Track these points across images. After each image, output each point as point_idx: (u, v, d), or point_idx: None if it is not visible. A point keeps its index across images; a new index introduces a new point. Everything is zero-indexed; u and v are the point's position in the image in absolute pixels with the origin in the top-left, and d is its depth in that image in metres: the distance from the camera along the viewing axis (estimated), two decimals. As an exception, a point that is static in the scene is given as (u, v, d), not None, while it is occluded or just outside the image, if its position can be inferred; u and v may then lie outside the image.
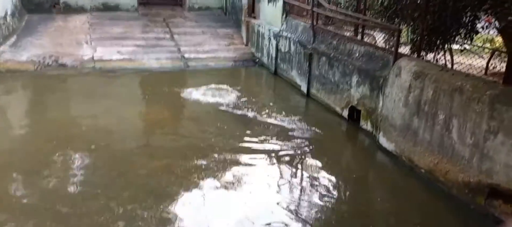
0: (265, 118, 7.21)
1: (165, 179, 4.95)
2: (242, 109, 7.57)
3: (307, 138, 6.42)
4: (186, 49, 11.45)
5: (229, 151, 5.78)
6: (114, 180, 4.87)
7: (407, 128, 5.61)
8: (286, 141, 6.23)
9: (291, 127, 6.82)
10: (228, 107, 7.65)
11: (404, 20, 7.31)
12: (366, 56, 6.99)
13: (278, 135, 6.45)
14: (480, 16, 6.45)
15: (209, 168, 5.29)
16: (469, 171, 4.63)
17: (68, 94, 8.37)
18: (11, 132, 6.27)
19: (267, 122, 7.02)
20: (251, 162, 5.58)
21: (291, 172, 5.36)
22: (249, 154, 5.76)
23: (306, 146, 6.12)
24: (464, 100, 4.67)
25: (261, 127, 6.77)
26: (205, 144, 6.01)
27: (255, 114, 7.37)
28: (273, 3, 10.76)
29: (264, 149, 5.96)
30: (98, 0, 12.62)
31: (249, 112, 7.47)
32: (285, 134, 6.51)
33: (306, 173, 5.37)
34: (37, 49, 10.21)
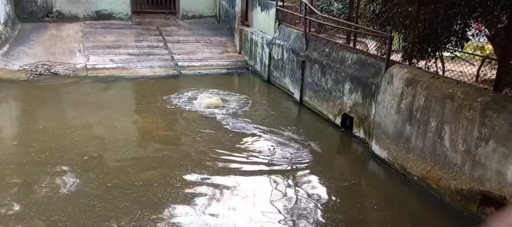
0: (258, 126, 7.20)
1: (161, 190, 4.89)
2: (235, 117, 7.56)
3: (300, 146, 6.40)
4: (179, 57, 11.44)
5: (223, 161, 5.76)
6: (110, 191, 4.81)
7: (400, 135, 5.62)
8: (279, 149, 6.22)
9: (284, 135, 6.81)
10: (221, 115, 7.63)
11: (395, 28, 7.38)
12: (359, 63, 7.02)
13: (270, 143, 6.43)
14: (471, 24, 6.52)
15: (204, 178, 5.26)
16: (461, 178, 4.64)
17: (60, 103, 8.31)
18: (2, 143, 6.20)
19: (260, 130, 7.01)
20: (245, 170, 5.56)
21: (285, 180, 5.33)
22: (242, 163, 5.74)
23: (299, 154, 6.11)
24: (456, 107, 4.70)
25: (253, 135, 6.75)
26: (199, 153, 5.99)
27: (248, 122, 7.36)
28: (266, 11, 10.81)
29: (257, 157, 5.94)
30: (92, 9, 12.60)
31: (242, 119, 7.46)
32: (278, 142, 6.49)
33: (299, 181, 5.35)
34: (30, 58, 10.15)
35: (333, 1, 11.16)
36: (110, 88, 9.27)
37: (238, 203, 4.76)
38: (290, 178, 5.40)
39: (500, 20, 6.23)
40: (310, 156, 6.10)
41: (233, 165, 5.65)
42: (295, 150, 6.23)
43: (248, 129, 7.01)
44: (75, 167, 5.37)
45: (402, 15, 6.94)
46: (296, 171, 5.61)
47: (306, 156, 6.06)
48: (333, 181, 5.43)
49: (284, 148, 6.27)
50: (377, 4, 7.98)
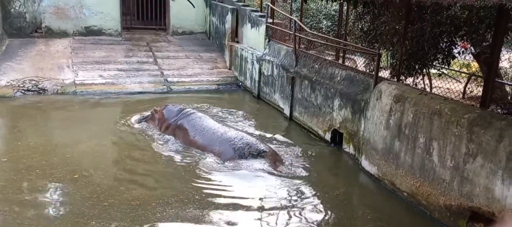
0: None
1: (160, 209, 4.82)
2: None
3: (290, 162, 6.39)
4: (169, 73, 11.43)
5: (216, 176, 5.73)
6: (107, 211, 4.71)
7: (389, 151, 5.66)
8: (268, 166, 6.17)
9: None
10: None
11: (383, 45, 7.50)
12: (348, 79, 7.09)
13: (259, 159, 6.38)
14: (457, 42, 6.67)
15: (201, 195, 5.22)
16: (450, 194, 4.67)
17: (48, 119, 8.17)
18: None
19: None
20: (235, 186, 5.51)
21: (274, 196, 5.29)
22: (232, 177, 5.70)
23: (289, 170, 6.08)
24: (443, 124, 4.75)
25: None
26: (193, 168, 5.93)
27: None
28: (256, 27, 10.90)
29: (247, 172, 5.89)
30: (81, 25, 12.56)
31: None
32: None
33: (289, 197, 5.31)
34: (17, 73, 10.03)
35: (322, 19, 11.34)
36: (99, 104, 9.18)
37: (230, 217, 4.72)
38: (279, 194, 5.36)
39: (485, 39, 6.39)
40: (300, 171, 6.08)
41: (224, 180, 5.60)
42: (285, 165, 6.21)
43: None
44: (67, 185, 5.25)
45: (390, 32, 7.07)
46: (285, 187, 5.58)
47: (296, 172, 6.04)
48: (323, 197, 5.41)
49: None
50: (365, 22, 8.13)
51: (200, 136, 6.69)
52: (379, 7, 7.24)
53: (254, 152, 6.08)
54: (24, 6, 11.85)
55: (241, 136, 6.43)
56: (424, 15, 6.58)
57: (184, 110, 7.50)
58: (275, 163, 6.05)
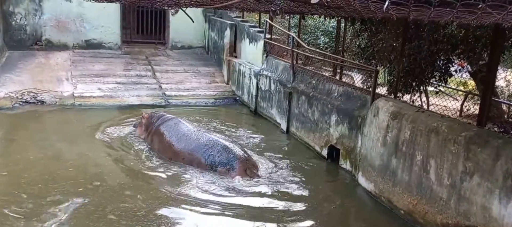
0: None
1: (166, 220, 4.82)
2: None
3: (285, 177, 6.37)
4: (167, 87, 11.46)
5: (214, 189, 5.73)
6: (114, 224, 4.69)
7: (386, 168, 5.66)
8: (264, 181, 6.15)
9: (269, 166, 6.76)
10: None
11: (380, 62, 7.57)
12: (345, 95, 7.13)
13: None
14: (453, 60, 6.74)
15: (202, 205, 5.27)
16: (447, 212, 4.65)
17: (48, 132, 8.09)
18: None
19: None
20: (233, 200, 5.49)
21: (270, 213, 5.27)
22: (225, 191, 5.68)
23: (284, 186, 6.05)
24: (441, 141, 4.77)
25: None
26: (193, 178, 5.93)
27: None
28: (254, 43, 10.99)
29: (240, 187, 5.87)
30: (81, 38, 12.63)
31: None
32: (263, 173, 6.44)
33: (284, 216, 5.28)
34: (16, 85, 10.04)
35: (319, 35, 11.45)
36: (97, 117, 9.16)
37: None
38: (275, 212, 5.32)
39: (481, 57, 6.46)
40: (295, 188, 6.06)
41: (222, 192, 5.58)
42: (280, 182, 6.18)
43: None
44: (71, 199, 5.20)
45: (387, 49, 7.14)
46: (281, 201, 5.55)
47: (291, 189, 6.01)
48: (319, 214, 5.38)
49: (269, 180, 6.21)
50: (362, 38, 8.22)
51: (175, 141, 6.76)
52: (377, 24, 7.32)
53: (225, 160, 6.10)
54: (25, 18, 11.93)
55: (213, 143, 6.39)
56: (421, 33, 6.66)
57: (163, 116, 7.62)
58: (245, 171, 6.05)
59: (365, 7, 3.68)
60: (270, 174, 6.45)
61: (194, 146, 6.48)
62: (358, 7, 3.82)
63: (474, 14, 2.89)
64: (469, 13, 2.90)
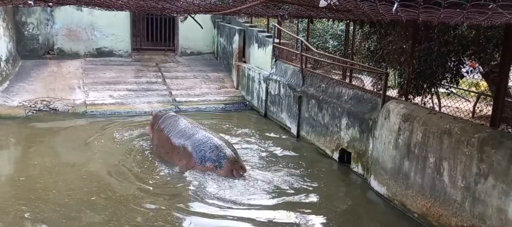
0: (254, 160, 7.17)
1: None
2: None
3: (297, 182, 6.36)
4: (177, 93, 11.54)
5: (225, 194, 5.74)
6: None
7: (398, 171, 5.61)
8: (276, 185, 6.16)
9: (280, 170, 6.76)
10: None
11: (390, 64, 7.52)
12: (355, 98, 7.10)
13: (268, 179, 6.38)
14: (464, 61, 6.67)
15: (215, 209, 5.32)
16: (462, 215, 4.60)
17: (61, 139, 8.18)
18: (10, 178, 6.13)
19: (256, 164, 6.98)
20: (244, 202, 5.50)
21: (280, 218, 5.26)
22: (240, 195, 5.68)
23: (296, 191, 6.05)
24: (453, 143, 4.72)
25: (249, 169, 6.70)
26: (204, 186, 5.94)
27: (244, 156, 7.33)
28: (263, 48, 11.02)
29: (254, 191, 5.88)
30: (92, 46, 12.82)
31: (239, 153, 7.43)
32: (275, 177, 6.44)
33: (296, 220, 5.27)
34: (29, 94, 10.22)
35: (328, 39, 11.43)
36: (109, 124, 9.26)
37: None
38: (286, 215, 5.32)
39: (493, 58, 6.38)
40: (307, 192, 6.04)
41: (231, 197, 5.59)
42: (292, 186, 6.18)
43: (244, 163, 6.97)
44: (85, 207, 5.27)
45: (397, 52, 7.10)
46: (294, 205, 5.54)
47: (303, 193, 6.00)
48: (331, 218, 5.36)
49: (281, 184, 6.21)
50: (372, 41, 8.18)
51: (172, 136, 7.06)
52: (386, 26, 7.29)
53: (214, 157, 6.31)
54: (37, 28, 12.15)
55: (206, 140, 6.59)
56: (431, 35, 6.61)
57: (167, 114, 7.98)
58: (231, 171, 6.21)
59: (374, 10, 3.68)
60: (282, 178, 6.44)
61: (189, 141, 6.73)
62: (367, 10, 3.82)
63: (485, 15, 2.87)
64: (479, 14, 2.88)
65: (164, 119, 7.68)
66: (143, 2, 4.81)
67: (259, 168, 6.84)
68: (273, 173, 6.66)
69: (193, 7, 5.24)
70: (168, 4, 4.90)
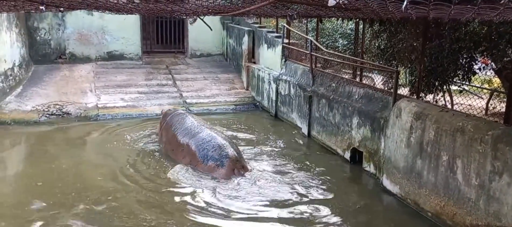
0: (265, 160, 7.18)
1: None
2: (243, 152, 7.56)
3: (309, 181, 6.35)
4: (188, 95, 11.61)
5: (235, 193, 5.77)
6: None
7: (411, 170, 5.56)
8: (288, 185, 6.16)
9: (292, 170, 6.76)
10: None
11: (401, 62, 7.46)
12: (366, 97, 7.05)
13: (279, 178, 6.38)
14: (476, 58, 6.58)
15: (228, 210, 5.37)
16: (477, 213, 4.54)
17: (74, 142, 8.24)
18: (28, 183, 6.24)
19: (267, 164, 6.98)
20: (255, 202, 5.52)
21: (293, 217, 5.25)
22: (250, 199, 5.69)
23: (308, 190, 6.04)
24: (467, 141, 4.66)
25: (261, 169, 6.71)
26: (217, 190, 5.95)
27: (256, 157, 7.35)
28: (272, 48, 11.02)
29: (265, 191, 5.88)
30: (103, 50, 12.96)
31: (250, 154, 7.46)
32: (287, 177, 6.44)
33: (308, 219, 5.26)
34: (42, 98, 10.37)
35: (338, 38, 11.38)
36: (121, 126, 9.35)
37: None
38: (299, 215, 5.31)
39: (505, 54, 6.28)
40: (319, 192, 6.03)
41: (243, 200, 5.61)
42: (304, 186, 6.17)
43: (254, 163, 6.98)
44: (103, 208, 5.36)
45: (408, 50, 7.04)
46: (307, 205, 5.53)
47: (315, 192, 5.99)
48: (344, 218, 5.33)
49: (293, 184, 6.20)
50: (382, 39, 8.12)
51: (178, 134, 7.23)
52: (396, 24, 7.23)
53: (216, 156, 6.40)
54: (49, 33, 12.33)
55: (210, 139, 6.71)
56: (442, 32, 6.54)
57: (175, 111, 8.21)
58: (233, 170, 6.27)
59: (384, 8, 3.66)
60: (293, 178, 6.44)
61: (193, 139, 6.86)
62: (376, 8, 3.79)
63: (496, 10, 2.83)
64: (491, 9, 2.84)
65: (172, 117, 7.87)
66: (153, 5, 4.84)
67: (270, 168, 6.85)
68: (284, 173, 6.66)
69: (202, 9, 5.26)
70: (177, 7, 4.93)
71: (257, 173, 6.56)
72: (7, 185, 6.25)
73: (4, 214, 5.18)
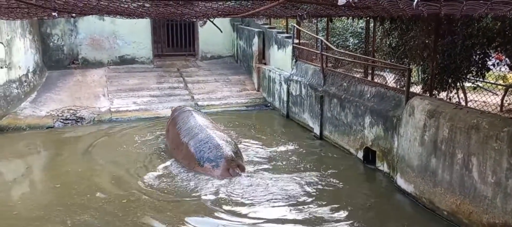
0: (278, 161, 7.17)
1: None
2: (256, 153, 7.57)
3: (322, 181, 6.32)
4: (199, 97, 11.67)
5: (248, 194, 5.80)
6: None
7: (425, 168, 5.50)
8: (301, 185, 6.14)
9: (305, 170, 6.74)
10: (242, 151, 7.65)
11: (413, 60, 7.38)
12: (378, 96, 7.00)
13: (292, 178, 6.37)
14: (490, 54, 6.48)
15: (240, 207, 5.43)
16: (494, 211, 4.46)
17: (89, 146, 8.27)
18: (46, 185, 6.39)
19: (280, 166, 6.98)
20: (267, 202, 5.52)
21: (307, 217, 5.24)
22: (263, 200, 5.69)
23: (321, 190, 6.02)
24: (482, 138, 4.59)
25: (274, 170, 6.71)
26: (227, 190, 5.98)
27: (268, 157, 7.35)
28: (282, 49, 11.01)
29: (278, 192, 5.88)
30: (115, 54, 13.12)
31: (263, 155, 7.46)
32: (300, 177, 6.43)
33: (322, 219, 5.23)
34: (56, 103, 10.54)
35: (348, 37, 11.31)
36: (134, 130, 9.44)
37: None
38: (312, 215, 5.29)
39: (520, 49, 6.17)
40: (333, 192, 6.00)
41: (254, 200, 5.61)
42: (317, 186, 6.15)
43: (267, 164, 6.98)
44: (117, 210, 5.45)
45: (420, 47, 6.96)
46: (319, 205, 5.51)
47: (329, 192, 5.96)
48: (358, 217, 5.30)
49: (306, 184, 6.18)
50: (393, 37, 8.05)
51: (180, 133, 7.39)
52: (407, 22, 7.16)
53: (212, 157, 6.49)
54: (62, 39, 12.53)
55: (208, 140, 6.80)
56: (454, 28, 6.45)
57: (181, 109, 8.48)
58: (228, 170, 6.32)
59: (394, 5, 3.63)
60: (306, 178, 6.42)
61: (193, 140, 6.97)
62: (386, 6, 3.77)
63: (510, 5, 2.79)
64: (504, 4, 2.80)
65: (179, 114, 8.10)
66: (163, 9, 4.88)
67: (283, 169, 6.85)
68: (297, 173, 6.64)
69: (212, 11, 5.29)
70: (187, 10, 4.96)
71: (269, 173, 6.55)
72: (27, 187, 6.39)
73: (26, 217, 5.31)
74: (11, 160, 7.55)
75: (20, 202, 5.81)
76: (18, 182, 6.53)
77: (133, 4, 4.23)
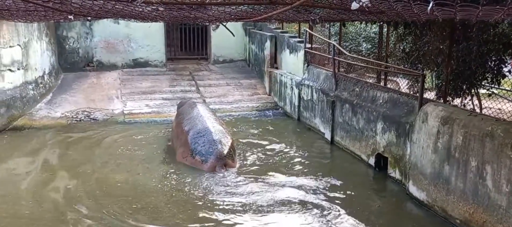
0: (289, 166, 7.16)
1: None
2: (265, 157, 7.56)
3: (332, 187, 6.28)
4: (211, 100, 11.72)
5: (261, 203, 5.75)
6: None
7: (438, 176, 5.42)
8: (310, 190, 6.11)
9: (315, 175, 6.71)
10: (251, 155, 7.64)
11: (427, 66, 7.29)
12: (390, 102, 6.94)
13: (303, 184, 6.34)
14: (506, 60, 6.37)
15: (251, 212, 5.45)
16: (508, 221, 4.37)
17: (101, 148, 8.38)
18: (59, 185, 6.50)
19: (291, 171, 6.96)
20: (277, 207, 5.50)
21: (316, 223, 5.20)
22: (274, 205, 5.68)
23: (332, 197, 5.97)
24: (497, 146, 4.51)
25: (285, 176, 6.69)
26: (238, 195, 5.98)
27: (279, 162, 7.33)
28: (294, 53, 11.00)
29: (290, 197, 5.86)
30: (129, 58, 13.28)
31: (274, 159, 7.45)
32: (309, 182, 6.40)
33: (333, 224, 5.20)
34: (71, 105, 10.71)
35: (361, 42, 11.25)
36: (146, 132, 9.51)
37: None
38: (322, 219, 5.26)
39: (537, 55, 6.06)
40: (344, 198, 5.95)
41: (266, 204, 5.60)
42: (327, 192, 6.11)
43: (278, 169, 6.97)
44: (128, 210, 5.53)
45: (434, 53, 6.88)
46: (331, 211, 5.48)
47: (339, 199, 5.92)
48: (369, 223, 5.25)
49: (316, 190, 6.15)
50: (407, 42, 7.97)
51: (182, 124, 7.68)
52: (421, 27, 7.08)
53: (204, 152, 6.79)
54: (77, 42, 12.75)
55: (204, 133, 7.02)
56: (469, 34, 6.36)
57: (187, 101, 8.88)
58: (215, 167, 6.62)
59: (408, 10, 3.60)
60: (317, 184, 6.39)
61: (191, 131, 7.21)
62: (400, 10, 3.74)
63: (528, 11, 2.74)
64: (522, 10, 2.76)
65: (185, 106, 8.44)
66: (177, 13, 4.94)
67: (293, 174, 6.82)
68: (308, 179, 6.62)
69: (224, 15, 5.33)
70: (200, 14, 5.01)
71: (278, 178, 6.54)
72: (43, 186, 6.46)
73: (42, 217, 5.41)
74: (25, 158, 7.70)
75: (31, 202, 5.89)
76: (30, 180, 6.65)
77: (148, 8, 4.28)
